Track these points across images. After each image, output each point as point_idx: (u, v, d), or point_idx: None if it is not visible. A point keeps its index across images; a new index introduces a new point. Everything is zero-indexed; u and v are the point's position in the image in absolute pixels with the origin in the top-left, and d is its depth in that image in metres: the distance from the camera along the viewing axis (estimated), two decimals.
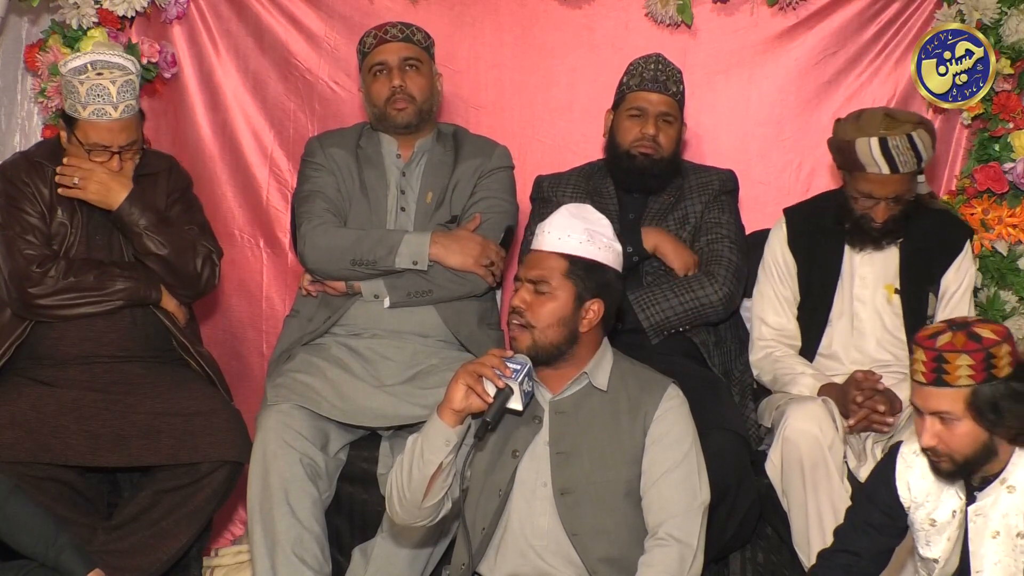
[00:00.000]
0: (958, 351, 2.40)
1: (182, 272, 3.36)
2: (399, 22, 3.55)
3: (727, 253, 3.48)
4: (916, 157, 3.24)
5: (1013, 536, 2.51)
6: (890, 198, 3.30)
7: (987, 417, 2.42)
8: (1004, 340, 2.42)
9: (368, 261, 3.35)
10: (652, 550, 2.65)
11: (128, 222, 3.29)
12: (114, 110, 3.22)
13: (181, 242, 3.35)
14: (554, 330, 2.68)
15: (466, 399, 2.62)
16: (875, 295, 3.41)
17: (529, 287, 2.70)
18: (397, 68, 3.48)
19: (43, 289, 3.26)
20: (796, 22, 3.90)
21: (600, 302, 2.72)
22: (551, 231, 2.72)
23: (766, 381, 3.46)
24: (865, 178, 3.29)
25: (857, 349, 3.41)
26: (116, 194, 3.28)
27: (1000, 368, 2.41)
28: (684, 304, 3.40)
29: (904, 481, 2.62)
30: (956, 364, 2.40)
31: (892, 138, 3.22)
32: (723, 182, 3.61)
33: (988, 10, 3.67)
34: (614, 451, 2.71)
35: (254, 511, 3.21)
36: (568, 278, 2.69)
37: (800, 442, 3.10)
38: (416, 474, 2.65)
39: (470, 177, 3.51)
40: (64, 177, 3.28)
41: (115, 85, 3.21)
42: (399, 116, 3.48)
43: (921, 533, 2.62)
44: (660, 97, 3.52)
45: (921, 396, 2.48)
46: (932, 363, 2.43)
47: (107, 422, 3.20)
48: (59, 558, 2.75)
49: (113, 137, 3.26)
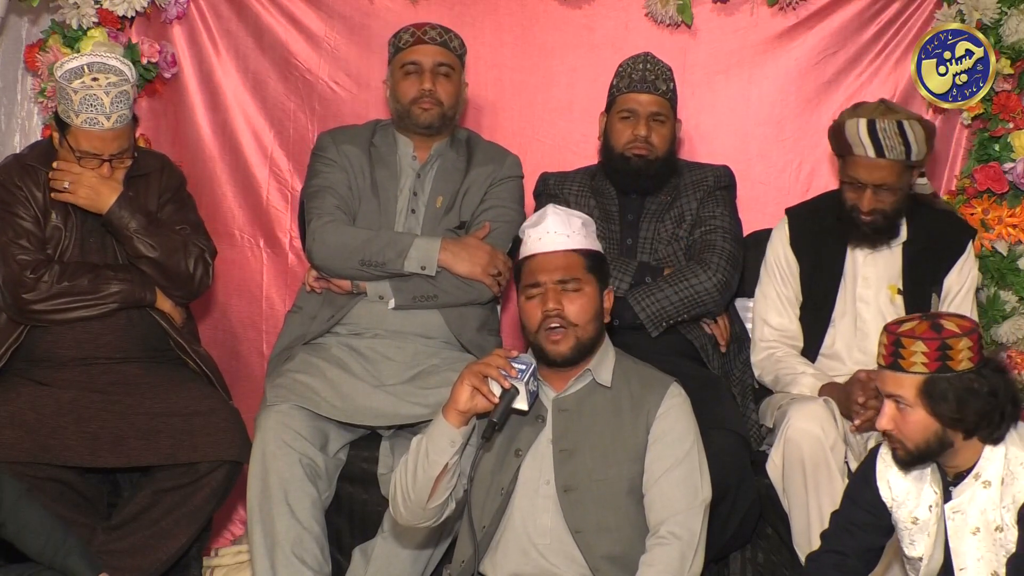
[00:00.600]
0: (915, 337, 2.45)
1: (174, 273, 3.36)
2: (439, 25, 3.55)
3: (720, 242, 3.47)
4: (904, 145, 3.24)
5: (992, 531, 2.52)
6: (875, 185, 3.29)
7: (939, 407, 2.45)
8: (966, 334, 2.45)
9: (377, 262, 3.35)
10: (653, 548, 2.65)
11: (118, 225, 3.29)
12: (107, 120, 3.20)
13: (172, 243, 3.35)
14: (592, 325, 2.73)
15: (471, 400, 2.63)
16: (878, 295, 3.41)
17: (557, 288, 2.71)
18: (430, 71, 3.47)
19: (37, 295, 3.26)
20: (796, 22, 3.90)
21: (610, 291, 2.80)
22: (556, 231, 2.74)
23: (768, 381, 3.46)
24: (853, 161, 3.30)
25: (860, 349, 3.41)
26: (106, 198, 3.28)
27: (957, 361, 2.43)
28: (679, 293, 3.40)
29: (884, 480, 2.63)
30: (911, 350, 2.45)
31: (881, 121, 3.24)
32: (718, 178, 3.61)
33: (988, 10, 3.67)
34: (617, 448, 2.71)
35: (253, 511, 3.20)
36: (590, 272, 2.74)
37: (802, 442, 3.10)
38: (421, 475, 2.65)
39: (481, 184, 3.52)
40: (55, 182, 3.28)
41: (109, 96, 3.19)
42: (423, 116, 3.47)
43: (905, 532, 2.63)
44: (650, 97, 3.51)
45: (881, 379, 2.54)
46: (891, 347, 2.48)
47: (106, 422, 3.19)
48: (66, 561, 2.76)
49: (104, 146, 3.25)
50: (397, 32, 3.56)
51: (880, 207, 3.32)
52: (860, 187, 3.31)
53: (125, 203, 3.29)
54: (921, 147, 3.28)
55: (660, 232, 3.53)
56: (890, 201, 3.33)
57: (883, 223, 3.35)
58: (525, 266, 2.79)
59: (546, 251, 2.74)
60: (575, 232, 2.75)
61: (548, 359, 2.71)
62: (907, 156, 3.26)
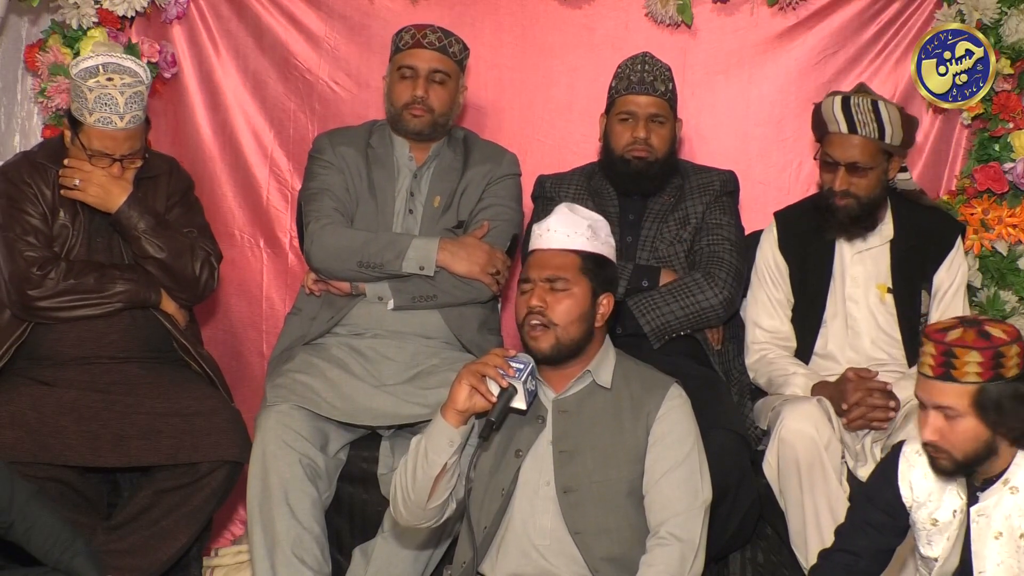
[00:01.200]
0: (968, 347, 2.40)
1: (180, 275, 3.36)
2: (440, 28, 3.52)
3: (727, 256, 3.47)
4: (877, 123, 3.25)
5: (1016, 537, 2.51)
6: (848, 163, 3.29)
7: (991, 416, 2.42)
8: (1014, 341, 2.42)
9: (375, 264, 3.35)
10: (653, 549, 2.65)
11: (127, 225, 3.30)
12: (120, 120, 3.21)
13: (179, 245, 3.35)
14: (576, 326, 2.70)
15: (470, 399, 2.63)
16: (867, 294, 3.41)
17: (544, 286, 2.70)
18: (424, 78, 3.46)
19: (43, 291, 3.26)
20: (796, 22, 3.90)
21: (610, 296, 2.76)
22: (557, 228, 2.73)
23: (761, 384, 3.46)
24: (828, 139, 3.32)
25: (852, 349, 3.41)
26: (116, 197, 3.29)
27: (1008, 368, 2.41)
28: (684, 309, 3.40)
29: (907, 480, 2.62)
30: (965, 360, 2.40)
31: (855, 98, 3.26)
32: (724, 183, 3.61)
33: (988, 10, 3.67)
34: (617, 450, 2.71)
35: (254, 511, 3.20)
36: (583, 274, 2.71)
37: (796, 443, 3.10)
38: (420, 475, 2.65)
39: (479, 183, 3.51)
40: (65, 179, 3.29)
41: (123, 96, 3.20)
42: (413, 122, 3.47)
43: (923, 532, 2.62)
44: (648, 99, 3.51)
45: (926, 389, 2.47)
46: (941, 357, 2.42)
47: (107, 422, 3.20)
48: (72, 563, 2.76)
49: (117, 146, 3.26)
50: (400, 30, 3.56)
51: (853, 191, 3.32)
52: (834, 166, 3.32)
53: (135, 203, 3.30)
54: (896, 130, 3.28)
55: (663, 233, 3.52)
56: (863, 185, 3.32)
57: (858, 210, 3.34)
58: (526, 260, 2.80)
59: (543, 248, 2.74)
60: (578, 233, 2.73)
61: (532, 354, 2.71)
62: (880, 136, 3.27)
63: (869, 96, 3.30)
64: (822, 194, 3.38)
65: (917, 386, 2.51)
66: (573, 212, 2.76)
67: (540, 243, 2.75)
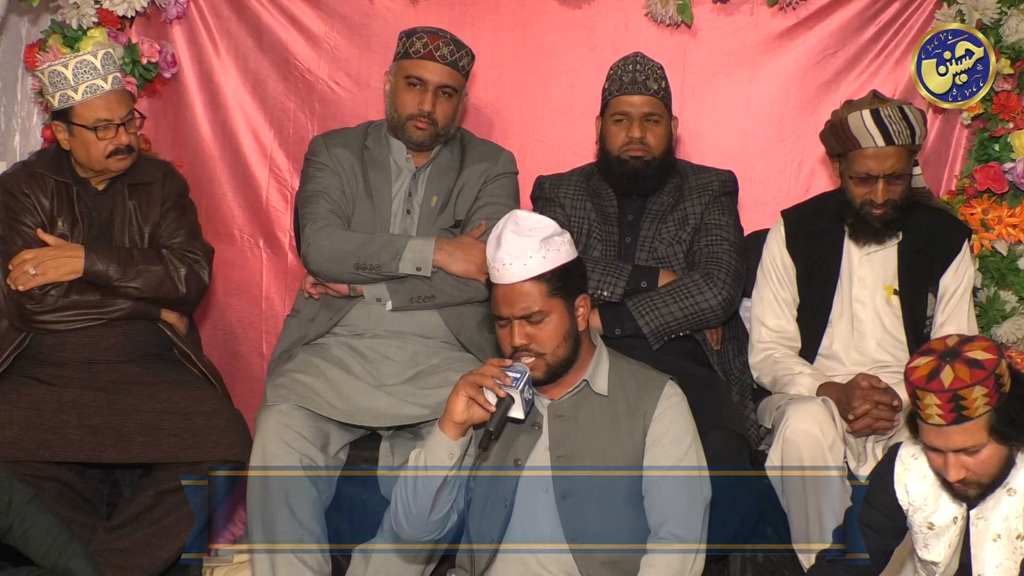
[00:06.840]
0: (970, 385, 2.37)
1: (166, 300, 3.39)
2: (452, 40, 3.45)
3: (726, 257, 3.47)
4: (909, 128, 3.26)
5: (1013, 538, 2.52)
6: (887, 175, 3.29)
7: (1008, 433, 2.42)
8: (998, 356, 2.41)
9: (372, 265, 3.35)
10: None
11: (101, 277, 3.30)
12: (104, 82, 3.25)
13: (154, 277, 3.34)
14: (563, 347, 2.67)
15: (467, 410, 2.61)
16: (874, 296, 3.41)
17: (521, 323, 2.64)
18: (432, 92, 3.43)
19: (42, 307, 3.28)
20: (796, 22, 3.90)
21: (584, 296, 2.71)
22: (511, 262, 2.61)
23: (766, 383, 3.46)
24: (861, 154, 3.29)
25: (857, 350, 3.41)
26: (75, 259, 3.29)
27: (1004, 384, 2.41)
28: (683, 310, 3.40)
29: (902, 484, 2.62)
30: (973, 397, 2.37)
31: (883, 109, 3.25)
32: (723, 183, 3.61)
33: (988, 10, 3.67)
34: (614, 453, 2.71)
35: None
36: (553, 296, 2.63)
37: (801, 443, 3.10)
38: (421, 489, 2.64)
39: (475, 182, 3.51)
40: (20, 277, 3.26)
41: (97, 58, 3.26)
42: (416, 135, 3.45)
43: (919, 536, 2.62)
44: (642, 98, 3.50)
45: (941, 437, 2.43)
46: (949, 404, 2.38)
47: (108, 418, 3.20)
48: (68, 565, 2.77)
49: (112, 110, 3.28)
50: (411, 32, 3.49)
51: (892, 198, 3.32)
52: (871, 180, 3.31)
53: (93, 253, 3.30)
54: (922, 129, 3.31)
55: (662, 233, 3.52)
56: (899, 191, 3.33)
57: (893, 215, 3.35)
58: (492, 292, 2.69)
59: (505, 283, 2.63)
60: (532, 255, 2.60)
61: None
62: (912, 140, 3.28)
63: (895, 103, 3.29)
64: (854, 208, 3.35)
65: (927, 435, 2.46)
66: (519, 234, 2.61)
67: (500, 277, 2.63)
